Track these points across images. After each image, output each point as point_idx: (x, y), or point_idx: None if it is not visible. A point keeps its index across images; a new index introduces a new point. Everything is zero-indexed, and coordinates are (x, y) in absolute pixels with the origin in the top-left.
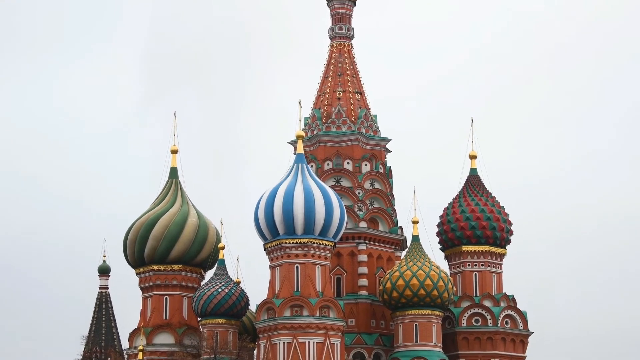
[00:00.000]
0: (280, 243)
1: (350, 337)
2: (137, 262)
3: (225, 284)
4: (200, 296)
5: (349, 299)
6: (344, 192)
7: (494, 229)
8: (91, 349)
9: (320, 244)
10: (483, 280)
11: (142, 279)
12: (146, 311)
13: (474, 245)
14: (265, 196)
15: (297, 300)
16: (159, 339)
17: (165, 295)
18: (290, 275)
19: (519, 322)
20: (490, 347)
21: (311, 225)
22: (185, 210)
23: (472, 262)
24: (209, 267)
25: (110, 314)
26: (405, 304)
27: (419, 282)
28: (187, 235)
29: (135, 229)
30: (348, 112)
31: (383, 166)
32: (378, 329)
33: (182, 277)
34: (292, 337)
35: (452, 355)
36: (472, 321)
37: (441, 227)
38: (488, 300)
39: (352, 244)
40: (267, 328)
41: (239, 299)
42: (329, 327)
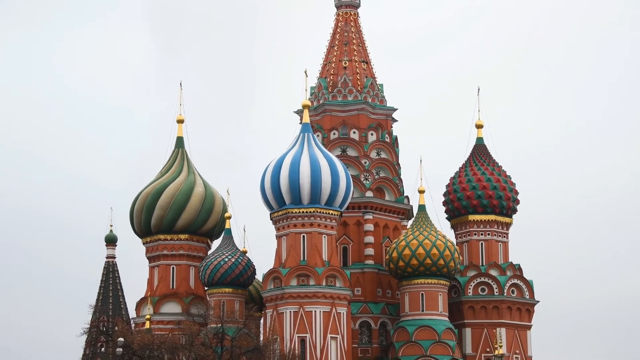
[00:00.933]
0: (286, 213)
1: (356, 306)
2: (143, 231)
3: (232, 253)
4: (207, 265)
5: (355, 269)
6: (350, 161)
7: (500, 198)
8: (98, 318)
9: (327, 213)
10: (489, 250)
11: (149, 248)
12: (153, 280)
13: (480, 214)
14: (272, 166)
15: (304, 270)
16: (166, 308)
17: (172, 264)
18: (297, 245)
19: (525, 291)
20: (496, 316)
21: (317, 194)
22: (191, 180)
23: (479, 231)
24: (215, 236)
25: (118, 283)
26: (412, 273)
27: (425, 251)
28: (194, 205)
29: (141, 199)
30: (354, 81)
31: (389, 135)
32: (384, 298)
33: (189, 247)
34: (299, 306)
35: (458, 324)
36: (478, 290)
37: (447, 197)
38: (494, 269)
39: (358, 213)
40: (274, 297)
41: (245, 268)
42: (335, 296)
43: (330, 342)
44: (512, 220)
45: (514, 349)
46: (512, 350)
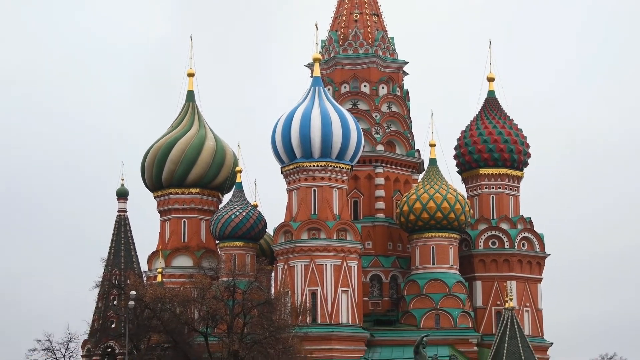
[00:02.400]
0: (297, 166)
1: (367, 260)
2: (155, 185)
3: (243, 207)
4: (218, 219)
5: (366, 222)
6: (361, 115)
7: (511, 151)
8: (110, 271)
9: (337, 167)
10: (500, 203)
11: (160, 202)
12: (164, 234)
13: (491, 167)
14: (283, 119)
15: (315, 223)
16: (177, 262)
17: (183, 218)
18: (308, 199)
19: (535, 244)
20: (506, 269)
21: (328, 148)
22: (202, 134)
23: (489, 184)
24: (226, 190)
25: (129, 237)
26: (422, 226)
27: (436, 204)
28: (205, 159)
29: (152, 153)
30: (365, 34)
31: (400, 89)
32: (395, 252)
33: (200, 201)
34: (310, 259)
35: (468, 277)
36: (488, 243)
37: (458, 150)
38: (505, 222)
39: (369, 167)
40: (285, 251)
41: (256, 222)
42: (346, 249)
43: (341, 295)
44: (523, 174)
45: (524, 302)
46: (522, 303)
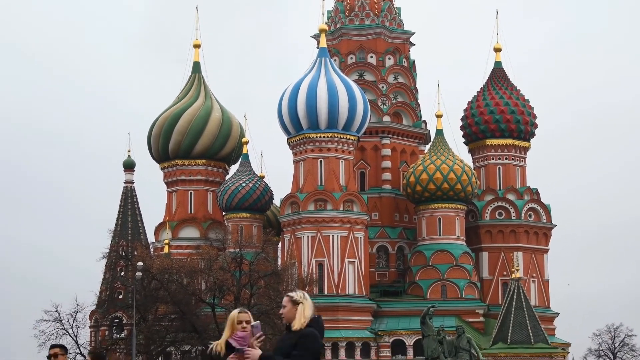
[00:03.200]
0: (303, 138)
1: (373, 231)
2: (161, 157)
3: (249, 178)
4: (225, 190)
5: (372, 193)
6: (367, 86)
7: (518, 122)
8: (118, 242)
9: (344, 138)
10: (507, 174)
11: (167, 173)
12: (171, 205)
13: (498, 138)
14: (289, 91)
15: (321, 195)
16: (184, 233)
17: (190, 189)
18: (314, 170)
19: (542, 215)
20: (513, 240)
21: (335, 119)
22: (208, 105)
23: (496, 155)
24: (232, 161)
25: (136, 208)
26: (429, 197)
27: (443, 175)
28: (211, 130)
29: (159, 124)
30: (371, 4)
31: (407, 60)
32: (401, 223)
33: (207, 172)
34: (316, 230)
35: (475, 248)
36: (495, 214)
37: (465, 121)
38: (512, 193)
39: (375, 138)
40: (292, 222)
41: (263, 193)
42: (352, 220)
43: (347, 266)
44: (530, 145)
45: (530, 273)
46: (528, 274)
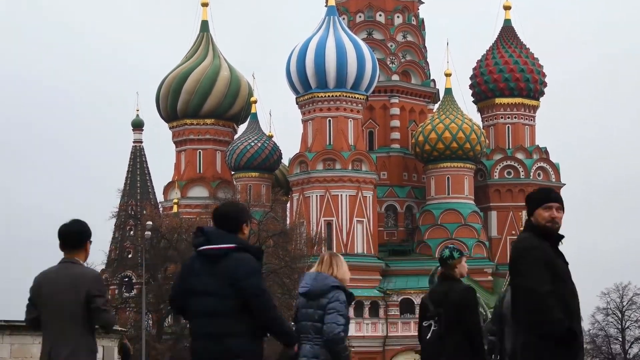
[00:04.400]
0: (312, 97)
1: (382, 190)
2: (170, 116)
3: (258, 137)
4: (234, 150)
5: (381, 152)
6: (376, 44)
7: (527, 80)
8: (127, 202)
9: (352, 97)
10: (516, 133)
11: (176, 133)
12: (180, 165)
13: (507, 97)
14: (297, 49)
15: (330, 154)
16: (193, 192)
17: (198, 149)
18: (323, 129)
19: (551, 174)
20: (522, 199)
21: (343, 78)
22: (217, 64)
23: (505, 114)
24: (241, 121)
25: (145, 167)
26: (438, 156)
27: (452, 134)
28: (219, 89)
29: (167, 83)
30: None
31: (415, 18)
32: (410, 182)
33: (215, 131)
34: (325, 190)
35: (483, 207)
36: (504, 173)
37: (474, 80)
38: (520, 152)
39: (384, 97)
40: (300, 181)
41: (271, 152)
42: (361, 180)
43: (356, 226)
44: (539, 103)
45: None
46: None
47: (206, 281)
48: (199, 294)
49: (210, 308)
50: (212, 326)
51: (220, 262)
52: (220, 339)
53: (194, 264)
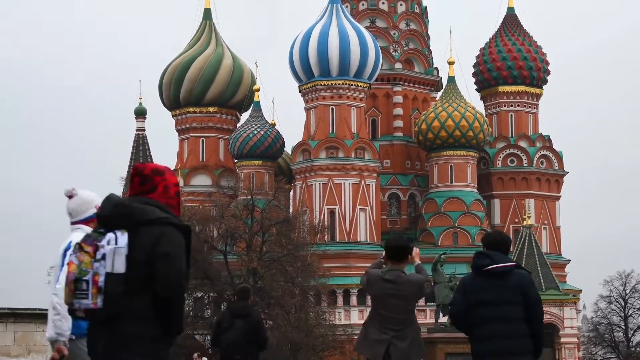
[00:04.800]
0: (315, 85)
1: (385, 178)
2: (172, 104)
3: (261, 125)
4: (237, 138)
5: (384, 141)
6: (379, 32)
7: (530, 68)
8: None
9: (356, 85)
10: (519, 121)
11: (178, 121)
12: (183, 153)
13: (510, 85)
14: (300, 37)
15: (333, 142)
16: (196, 181)
17: (201, 137)
18: (326, 117)
19: (554, 162)
20: (525, 187)
21: (346, 66)
22: (219, 52)
23: (508, 102)
24: (244, 109)
25: (148, 155)
26: (441, 145)
27: (455, 123)
28: (222, 77)
29: (170, 71)
30: None
31: (419, 6)
32: (413, 170)
33: (218, 119)
34: (328, 178)
35: (486, 195)
36: (507, 161)
37: (477, 68)
38: (523, 140)
39: (387, 85)
40: (303, 169)
41: (274, 140)
42: (364, 168)
43: (359, 214)
44: (542, 91)
45: (542, 220)
46: (540, 221)
47: (498, 292)
48: (491, 304)
49: (502, 314)
50: (503, 329)
51: (507, 277)
52: (509, 339)
53: (475, 281)
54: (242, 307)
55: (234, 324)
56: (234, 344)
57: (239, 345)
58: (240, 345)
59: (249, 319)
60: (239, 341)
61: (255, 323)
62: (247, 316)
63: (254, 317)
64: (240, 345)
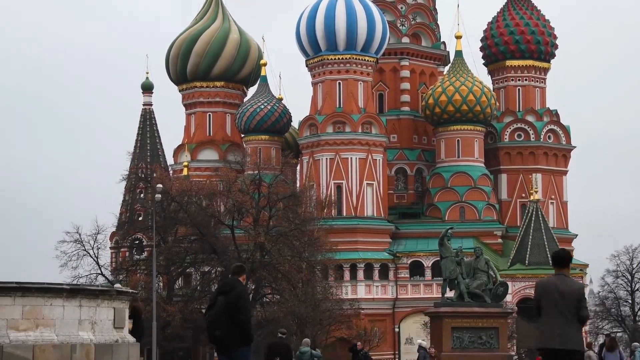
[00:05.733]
0: (322, 59)
1: (392, 153)
2: (179, 78)
3: (268, 100)
4: (243, 113)
5: (391, 115)
6: (386, 6)
7: (538, 43)
8: (137, 165)
9: (363, 59)
10: (526, 95)
11: (185, 95)
12: (190, 128)
13: (518, 59)
14: (307, 11)
15: (340, 117)
16: (203, 155)
17: (208, 111)
18: (333, 92)
19: (561, 137)
20: (532, 162)
21: (353, 40)
22: (226, 27)
23: (516, 76)
24: (251, 83)
25: (155, 130)
26: (448, 119)
27: (462, 97)
28: (229, 52)
29: (177, 46)
30: None
31: None
32: (420, 145)
33: (225, 94)
34: (335, 153)
35: (493, 170)
36: (514, 136)
37: (485, 42)
38: (531, 115)
39: (394, 59)
40: (310, 144)
41: (281, 115)
42: (371, 143)
43: (366, 188)
44: (550, 66)
45: (549, 195)
46: (547, 196)
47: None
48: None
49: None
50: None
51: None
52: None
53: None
54: (226, 283)
55: (217, 301)
56: (215, 320)
57: (219, 322)
58: (220, 322)
59: (230, 296)
60: (219, 318)
61: (235, 299)
62: (229, 292)
63: (234, 293)
64: (221, 322)
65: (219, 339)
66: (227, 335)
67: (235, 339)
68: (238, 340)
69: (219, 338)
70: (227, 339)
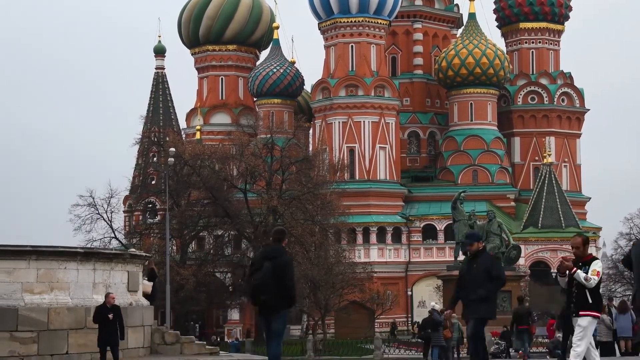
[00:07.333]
0: (334, 22)
1: (405, 117)
2: (192, 42)
3: (280, 64)
4: (256, 76)
5: (404, 78)
6: None
7: (552, 4)
8: (150, 128)
9: (375, 22)
10: (540, 58)
11: (198, 59)
12: (202, 91)
13: (532, 22)
14: None
15: (352, 80)
16: (215, 119)
17: (221, 75)
18: (345, 55)
19: (575, 99)
20: (545, 125)
21: (366, 3)
22: None
23: (529, 39)
24: (263, 47)
25: (168, 94)
26: (461, 82)
27: (475, 60)
28: (241, 14)
29: (189, 9)
30: None
31: None
32: (433, 108)
33: (237, 57)
34: (347, 116)
35: (507, 133)
36: (528, 99)
37: (498, 4)
38: (544, 77)
39: (407, 22)
40: (323, 108)
41: (294, 78)
42: (384, 106)
43: (379, 152)
44: (564, 28)
45: (562, 158)
46: (560, 159)
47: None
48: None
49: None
50: None
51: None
52: None
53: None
54: (273, 249)
55: (263, 266)
56: (261, 285)
57: (265, 287)
58: (266, 287)
59: (277, 261)
60: (265, 282)
61: (283, 265)
62: (276, 258)
63: (282, 260)
64: (267, 286)
65: (265, 303)
66: (273, 300)
67: (280, 303)
68: (282, 305)
69: (264, 301)
70: (272, 303)
